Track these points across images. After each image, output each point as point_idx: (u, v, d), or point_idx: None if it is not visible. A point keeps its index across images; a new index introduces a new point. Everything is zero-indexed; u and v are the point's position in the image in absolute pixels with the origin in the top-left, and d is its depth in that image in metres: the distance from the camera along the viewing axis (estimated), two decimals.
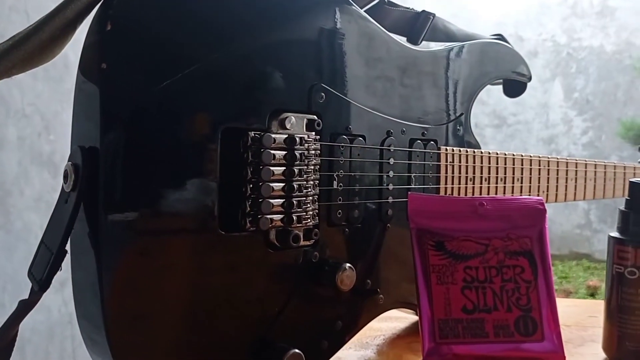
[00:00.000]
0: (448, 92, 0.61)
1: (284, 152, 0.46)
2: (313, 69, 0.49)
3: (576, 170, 0.78)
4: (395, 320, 0.65)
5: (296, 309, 0.48)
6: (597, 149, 4.08)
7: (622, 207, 0.53)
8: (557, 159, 0.75)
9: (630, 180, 0.53)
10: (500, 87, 0.75)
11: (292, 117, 0.46)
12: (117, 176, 0.38)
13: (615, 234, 0.53)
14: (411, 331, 0.62)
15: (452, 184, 0.61)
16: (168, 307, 0.41)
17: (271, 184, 0.44)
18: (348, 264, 0.49)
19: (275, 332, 0.46)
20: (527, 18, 4.20)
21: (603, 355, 0.55)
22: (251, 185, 0.44)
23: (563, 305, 0.74)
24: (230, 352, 0.44)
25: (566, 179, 0.76)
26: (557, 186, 0.75)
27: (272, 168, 0.44)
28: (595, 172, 0.82)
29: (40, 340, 1.50)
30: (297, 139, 0.46)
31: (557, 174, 0.75)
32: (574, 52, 4.15)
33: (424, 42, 0.63)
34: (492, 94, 4.28)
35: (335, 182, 0.50)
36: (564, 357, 0.52)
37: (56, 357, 1.56)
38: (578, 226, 4.16)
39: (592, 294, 3.08)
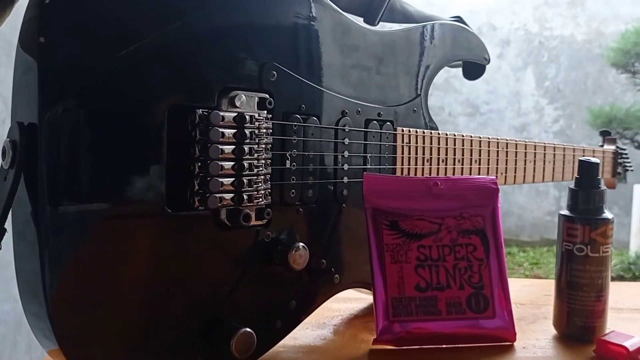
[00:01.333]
0: (405, 73, 0.61)
1: (234, 131, 0.45)
2: (264, 47, 0.48)
3: (535, 153, 0.79)
4: (354, 300, 0.65)
5: (249, 288, 0.48)
6: (567, 137, 4.15)
7: (572, 186, 0.54)
8: (516, 141, 0.75)
9: (580, 158, 0.54)
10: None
11: (243, 95, 0.46)
12: (56, 154, 0.37)
13: (565, 212, 0.54)
14: (369, 311, 0.63)
15: (409, 164, 0.61)
16: (114, 288, 0.41)
17: (220, 162, 0.44)
18: (301, 244, 0.49)
19: (226, 311, 0.46)
20: (500, 7, 4.23)
21: (554, 331, 0.56)
22: (199, 164, 0.43)
23: (520, 285, 0.76)
24: (180, 332, 0.44)
25: (525, 161, 0.77)
26: (515, 168, 0.76)
27: (220, 146, 0.44)
28: (554, 154, 0.83)
29: (7, 331, 1.48)
30: (247, 117, 0.46)
31: (516, 156, 0.76)
32: (545, 41, 4.20)
33: (381, 23, 0.63)
34: (466, 83, 4.32)
35: (288, 162, 0.50)
36: (515, 334, 0.53)
37: (24, 347, 1.54)
38: (549, 213, 4.23)
39: None
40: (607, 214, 0.53)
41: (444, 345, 0.53)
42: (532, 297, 0.67)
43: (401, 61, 0.61)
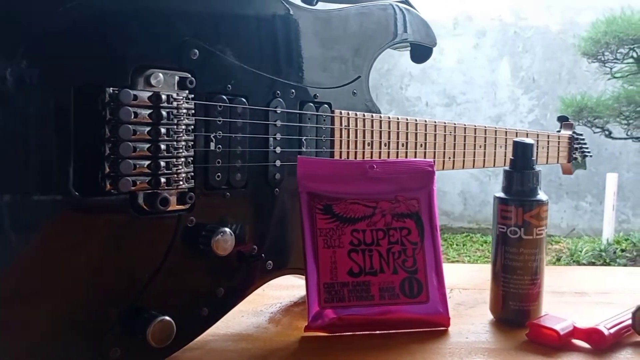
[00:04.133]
0: (344, 54, 0.60)
1: (149, 111, 0.43)
2: (185, 24, 0.46)
3: (485, 137, 0.78)
4: (296, 288, 0.64)
5: (170, 275, 0.46)
6: (542, 127, 4.18)
7: (508, 168, 0.53)
8: (465, 125, 0.74)
9: (514, 140, 0.53)
10: (452, 66, 0.74)
11: (160, 73, 0.44)
12: None
13: (499, 194, 0.53)
14: None
15: (348, 148, 0.60)
16: (24, 278, 0.39)
17: (132, 144, 0.42)
18: (226, 229, 0.47)
19: (146, 299, 0.44)
20: None
21: (490, 316, 0.55)
22: (110, 145, 0.41)
23: (468, 270, 0.75)
24: (95, 322, 0.42)
25: (474, 145, 0.76)
26: (464, 152, 0.75)
27: (133, 127, 0.42)
28: (506, 139, 0.82)
29: None
30: (164, 97, 0.44)
31: (465, 140, 0.75)
32: (520, 31, 4.22)
33: (322, 3, 0.61)
34: (443, 74, 4.32)
35: (212, 144, 0.48)
36: (448, 318, 0.52)
37: None
38: None
39: None
40: (542, 196, 0.52)
41: (377, 331, 0.51)
42: (476, 282, 0.66)
43: (339, 42, 0.59)
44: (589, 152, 1.10)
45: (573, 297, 0.62)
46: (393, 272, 0.52)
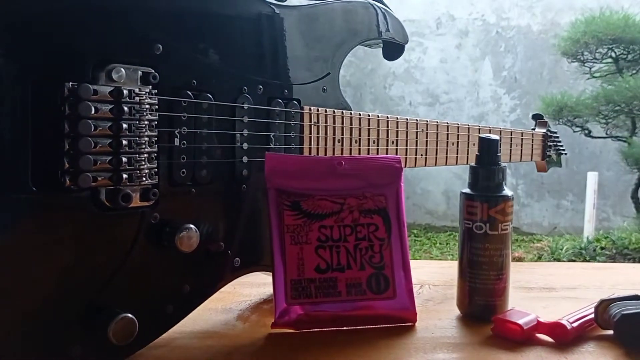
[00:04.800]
0: (313, 50, 0.60)
1: (110, 106, 0.43)
2: (149, 19, 0.46)
3: (458, 135, 0.78)
4: (266, 285, 0.63)
5: (133, 272, 0.45)
6: (524, 125, 4.19)
7: (473, 164, 0.53)
8: (437, 122, 0.75)
9: (480, 135, 0.54)
10: (435, 66, 0.74)
11: (122, 68, 0.43)
12: None
13: (466, 189, 0.53)
14: None
15: (318, 144, 0.60)
16: None
17: (92, 139, 0.42)
18: (191, 225, 0.47)
19: (107, 297, 0.44)
20: None
21: (457, 312, 0.55)
22: (69, 140, 0.41)
23: (438, 267, 0.75)
24: (55, 319, 0.42)
25: (447, 142, 0.76)
26: (436, 150, 0.75)
27: (92, 122, 0.42)
28: (479, 137, 0.82)
29: None
30: (126, 92, 0.43)
31: (437, 138, 0.75)
32: (502, 31, 4.25)
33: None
34: (426, 73, 4.35)
35: (177, 140, 0.48)
36: (415, 314, 0.52)
37: None
38: None
39: None
40: (507, 192, 0.52)
41: (344, 327, 0.51)
42: (446, 279, 0.66)
43: (309, 38, 0.59)
44: (563, 149, 1.11)
45: (541, 293, 0.62)
46: (360, 268, 0.52)
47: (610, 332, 0.49)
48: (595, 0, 3.52)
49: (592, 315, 0.49)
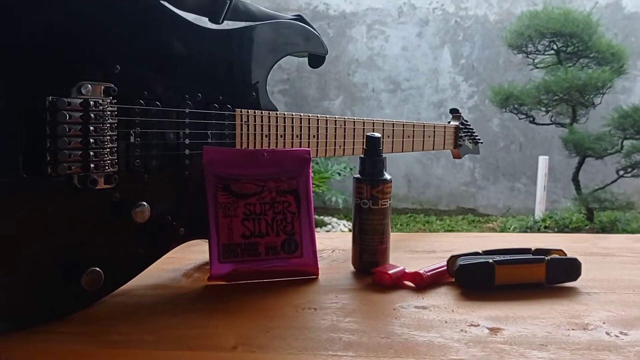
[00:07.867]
0: (242, 64, 0.75)
1: (81, 113, 0.58)
2: (109, 46, 0.60)
3: (373, 129, 0.95)
4: None
5: (100, 238, 0.61)
6: (481, 112, 4.42)
7: (362, 155, 0.70)
8: (354, 119, 0.91)
9: (367, 134, 0.70)
10: (397, 54, 0.88)
11: (89, 85, 0.58)
12: None
13: (357, 175, 0.70)
14: None
15: (248, 140, 0.75)
16: None
17: (67, 139, 0.56)
18: (144, 202, 0.62)
19: (81, 256, 0.59)
20: None
21: (352, 268, 0.72)
22: (50, 139, 0.56)
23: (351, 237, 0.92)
24: (44, 272, 0.57)
25: (363, 135, 0.92)
26: (354, 142, 0.91)
27: (67, 126, 0.56)
28: (393, 130, 0.99)
29: None
30: (92, 103, 0.58)
31: (354, 132, 0.91)
32: (461, 20, 4.43)
33: (229, 22, 0.76)
34: (388, 60, 4.51)
35: (132, 137, 0.63)
36: (317, 269, 0.69)
37: None
38: (464, 183, 4.52)
39: None
40: (386, 176, 0.69)
41: (264, 280, 0.68)
42: None
43: (239, 54, 0.74)
44: (479, 138, 1.28)
45: (423, 254, 0.80)
46: (276, 235, 0.68)
47: None
48: None
49: (445, 267, 0.67)
